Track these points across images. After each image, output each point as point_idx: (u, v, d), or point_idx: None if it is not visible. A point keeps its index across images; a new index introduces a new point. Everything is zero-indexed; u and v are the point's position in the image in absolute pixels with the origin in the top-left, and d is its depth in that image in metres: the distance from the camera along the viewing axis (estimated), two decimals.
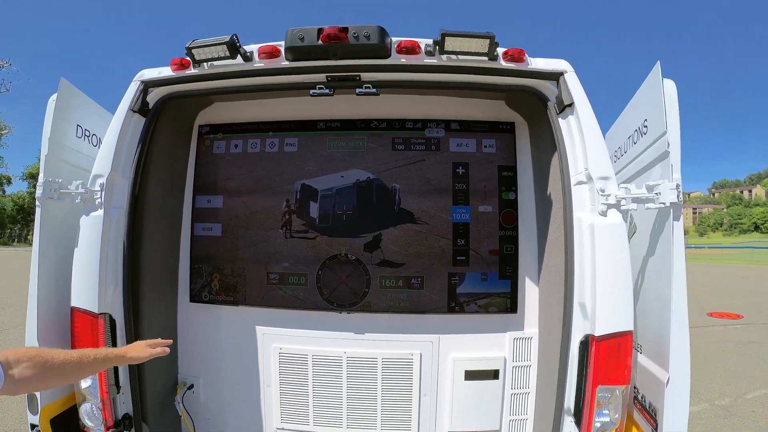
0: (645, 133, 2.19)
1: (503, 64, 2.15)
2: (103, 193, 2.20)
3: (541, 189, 2.55)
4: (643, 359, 2.13)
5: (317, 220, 2.72)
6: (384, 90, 2.25)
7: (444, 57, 2.13)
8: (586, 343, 1.93)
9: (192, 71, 2.29)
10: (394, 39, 2.14)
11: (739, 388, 5.85)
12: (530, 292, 2.64)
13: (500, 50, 2.14)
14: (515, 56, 2.14)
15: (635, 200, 1.94)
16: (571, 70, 2.15)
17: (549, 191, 2.42)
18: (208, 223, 2.80)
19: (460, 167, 2.68)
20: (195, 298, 2.80)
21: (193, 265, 2.81)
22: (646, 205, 1.93)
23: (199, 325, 2.82)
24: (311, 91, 2.24)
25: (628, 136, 2.47)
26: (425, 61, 2.16)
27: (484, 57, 2.09)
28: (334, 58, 2.14)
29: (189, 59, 2.23)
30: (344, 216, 2.71)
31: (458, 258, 2.64)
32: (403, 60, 2.16)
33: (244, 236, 2.77)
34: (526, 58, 2.16)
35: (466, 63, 2.15)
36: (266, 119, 2.81)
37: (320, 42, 2.08)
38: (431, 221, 2.66)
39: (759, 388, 5.88)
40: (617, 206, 1.94)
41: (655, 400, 1.95)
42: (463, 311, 2.63)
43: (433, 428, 2.68)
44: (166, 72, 2.32)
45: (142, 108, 2.32)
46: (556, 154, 2.20)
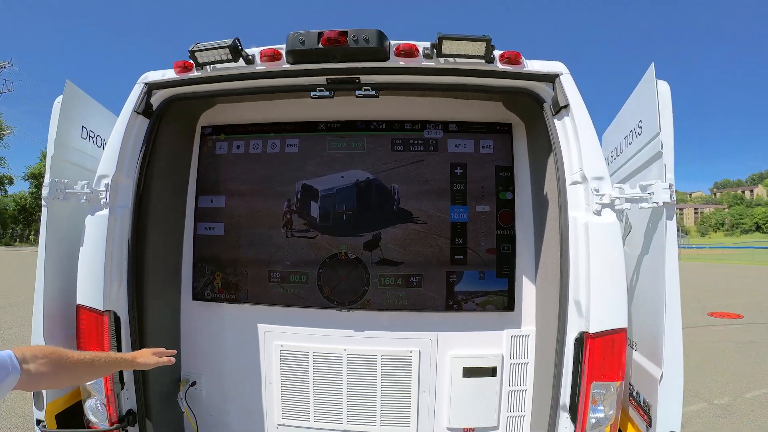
0: (640, 134, 2.22)
1: (500, 66, 2.18)
2: (108, 193, 2.23)
3: (537, 189, 2.57)
4: (638, 356, 2.15)
5: (318, 220, 2.75)
6: (383, 92, 2.28)
7: (441, 60, 2.16)
8: (581, 340, 1.95)
9: (195, 74, 2.32)
10: (392, 42, 2.17)
11: (738, 388, 5.84)
12: (527, 290, 2.67)
13: (497, 53, 2.16)
14: (512, 59, 2.16)
15: (629, 200, 1.96)
16: (567, 72, 2.17)
17: (545, 191, 2.44)
18: (211, 222, 2.84)
19: (458, 167, 2.71)
20: (198, 296, 2.83)
21: (196, 264, 2.84)
22: (640, 205, 1.96)
23: (202, 323, 2.85)
24: (312, 93, 2.27)
25: (623, 137, 2.50)
26: (423, 63, 2.19)
27: (481, 60, 2.12)
28: (334, 61, 2.17)
29: (192, 62, 2.27)
30: (344, 215, 2.75)
31: (456, 257, 2.67)
32: (402, 63, 2.19)
33: (246, 235, 2.81)
34: (522, 60, 2.19)
35: (463, 66, 2.17)
36: (268, 121, 2.84)
37: (320, 45, 2.11)
38: (430, 221, 2.69)
39: (758, 387, 5.87)
40: (611, 206, 1.96)
41: (649, 397, 1.97)
42: (461, 309, 2.66)
43: (431, 424, 2.70)
44: (170, 74, 2.36)
45: (146, 110, 2.36)
46: (552, 154, 2.22)
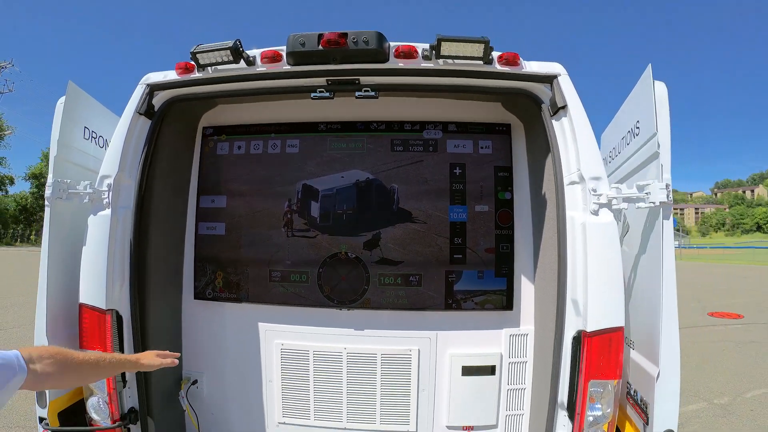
0: (637, 135, 2.23)
1: (498, 67, 2.19)
2: (110, 193, 2.25)
3: (536, 189, 2.59)
4: (636, 355, 2.16)
5: (318, 220, 2.77)
6: (382, 93, 2.29)
7: (440, 61, 2.17)
8: (578, 339, 1.96)
9: (196, 75, 2.34)
10: (391, 44, 2.19)
11: (738, 387, 5.85)
12: (526, 289, 2.68)
13: (495, 54, 2.18)
14: (510, 60, 2.18)
15: (626, 200, 1.98)
16: (565, 73, 2.18)
17: (544, 191, 2.46)
18: (212, 222, 2.86)
19: (458, 168, 2.73)
20: (199, 295, 2.85)
21: (197, 263, 2.86)
22: (637, 205, 1.97)
23: (203, 322, 2.87)
24: (312, 94, 2.28)
25: (621, 137, 2.51)
26: (422, 65, 2.20)
27: (479, 61, 2.13)
28: (333, 62, 2.19)
29: (194, 63, 2.29)
30: (344, 215, 2.76)
31: (455, 256, 2.69)
32: (401, 64, 2.20)
33: (247, 235, 2.83)
34: (520, 61, 2.20)
35: (462, 67, 2.19)
36: (268, 121, 2.86)
37: (320, 47, 2.13)
38: (429, 220, 2.71)
39: (758, 387, 5.88)
40: (608, 205, 1.97)
41: (646, 395, 1.98)
42: (460, 308, 2.68)
43: (431, 423, 2.72)
44: (172, 75, 2.37)
45: (148, 110, 2.37)
46: (550, 155, 2.24)
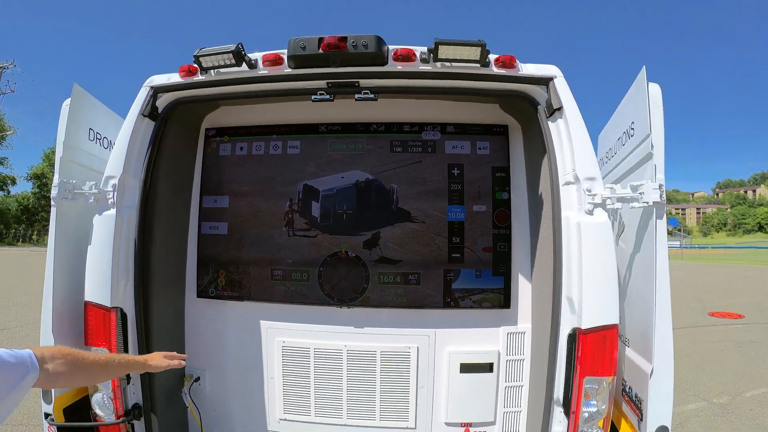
0: (632, 136, 2.26)
1: (495, 70, 2.22)
2: (115, 193, 2.29)
3: (533, 189, 2.62)
4: (631, 353, 2.19)
5: (319, 219, 2.81)
6: (382, 95, 2.33)
7: (438, 64, 2.20)
8: (573, 336, 1.99)
9: (199, 78, 2.37)
10: (390, 47, 2.22)
11: (737, 387, 5.87)
12: (523, 288, 2.72)
13: (492, 57, 2.21)
14: (506, 62, 2.21)
15: (620, 200, 2.01)
16: (561, 75, 2.21)
17: (540, 191, 2.49)
18: (215, 222, 2.90)
19: (456, 168, 2.76)
20: (202, 293, 2.90)
21: (200, 262, 2.90)
22: (630, 205, 2.00)
23: (206, 320, 2.91)
24: (312, 96, 2.33)
25: (617, 138, 2.55)
26: (420, 68, 2.24)
27: (476, 64, 2.16)
28: (334, 65, 2.22)
29: (197, 66, 2.33)
30: (344, 215, 2.80)
31: (453, 255, 2.72)
32: (400, 67, 2.24)
33: (249, 234, 2.87)
34: (517, 64, 2.23)
35: (459, 69, 2.22)
36: (270, 123, 2.90)
37: (321, 50, 2.16)
38: (428, 220, 2.74)
39: (758, 386, 5.90)
40: (603, 205, 2.01)
41: (641, 391, 2.01)
42: (458, 306, 2.71)
43: (429, 419, 2.75)
44: (175, 78, 2.41)
45: (151, 112, 2.42)
46: (546, 155, 2.27)
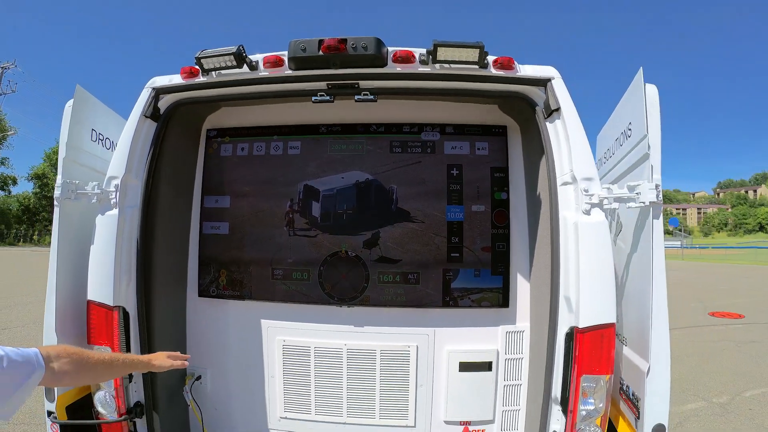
0: (629, 136, 2.28)
1: (493, 71, 2.24)
2: (117, 193, 2.32)
3: (531, 189, 2.64)
4: (628, 351, 2.21)
5: (319, 219, 2.83)
6: (381, 96, 2.35)
7: (437, 65, 2.22)
8: (571, 335, 2.01)
9: (201, 79, 2.40)
10: (390, 49, 2.24)
11: (737, 387, 5.87)
12: (522, 287, 2.74)
13: (490, 58, 2.23)
14: (504, 64, 2.23)
15: (617, 200, 2.03)
16: (558, 76, 2.23)
17: (539, 191, 2.51)
18: (216, 221, 2.93)
19: (455, 169, 2.78)
20: (203, 292, 2.92)
21: (201, 262, 2.92)
22: (627, 205, 2.03)
23: (207, 319, 2.93)
24: (313, 98, 2.35)
25: (615, 138, 2.57)
26: (419, 69, 2.26)
27: (474, 65, 2.19)
28: (334, 67, 2.25)
29: (198, 68, 2.35)
30: (344, 215, 2.83)
31: (452, 255, 2.74)
32: (399, 68, 2.26)
33: (250, 234, 2.89)
34: (515, 65, 2.25)
35: (458, 71, 2.24)
36: (271, 124, 2.92)
37: (321, 52, 2.19)
38: (427, 220, 2.77)
39: (757, 386, 5.90)
40: (600, 205, 2.03)
41: (638, 390, 2.03)
42: (457, 305, 2.73)
43: (429, 418, 2.77)
44: (177, 80, 2.44)
45: (153, 113, 2.44)
46: (544, 156, 2.29)
